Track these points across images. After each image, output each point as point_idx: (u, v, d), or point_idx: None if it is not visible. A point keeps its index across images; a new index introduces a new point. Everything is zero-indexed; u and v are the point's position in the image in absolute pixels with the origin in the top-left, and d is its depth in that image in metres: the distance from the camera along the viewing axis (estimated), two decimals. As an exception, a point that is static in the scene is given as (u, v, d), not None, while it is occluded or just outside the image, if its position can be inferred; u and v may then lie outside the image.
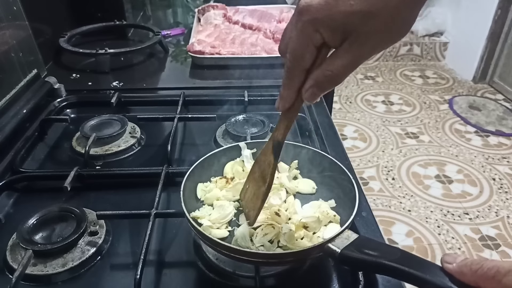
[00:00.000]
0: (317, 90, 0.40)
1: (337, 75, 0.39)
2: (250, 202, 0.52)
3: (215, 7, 1.41)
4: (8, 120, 0.79)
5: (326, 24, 0.37)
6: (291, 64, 0.41)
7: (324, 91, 0.41)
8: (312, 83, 0.40)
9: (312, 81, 0.40)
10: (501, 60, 3.06)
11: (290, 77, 0.42)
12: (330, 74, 0.39)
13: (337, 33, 0.37)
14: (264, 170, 0.50)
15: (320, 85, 0.40)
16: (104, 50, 1.06)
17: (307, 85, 0.41)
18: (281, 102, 0.44)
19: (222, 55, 1.09)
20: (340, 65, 0.38)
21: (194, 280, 0.54)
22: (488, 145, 2.48)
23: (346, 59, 0.38)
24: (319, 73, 0.39)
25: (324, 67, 0.39)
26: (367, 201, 0.64)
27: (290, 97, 0.43)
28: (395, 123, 2.71)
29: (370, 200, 1.77)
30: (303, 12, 0.37)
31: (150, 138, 0.84)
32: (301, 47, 0.39)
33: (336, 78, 0.39)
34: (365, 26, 0.36)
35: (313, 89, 0.40)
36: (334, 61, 0.38)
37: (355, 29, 0.36)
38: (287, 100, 0.44)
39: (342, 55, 0.38)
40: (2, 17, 0.81)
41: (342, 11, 0.35)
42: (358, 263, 0.44)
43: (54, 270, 0.53)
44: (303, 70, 0.40)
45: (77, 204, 0.61)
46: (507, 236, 1.84)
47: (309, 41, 0.38)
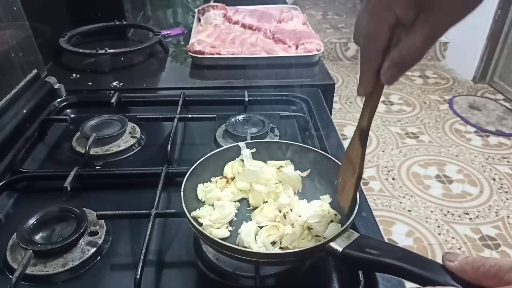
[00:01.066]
0: (395, 70, 0.38)
1: (414, 53, 0.37)
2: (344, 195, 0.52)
3: (215, 7, 1.41)
4: (8, 120, 0.79)
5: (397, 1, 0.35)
6: (366, 47, 0.39)
7: (403, 71, 0.39)
8: (390, 63, 0.38)
9: (390, 62, 0.38)
10: (501, 60, 3.06)
11: (366, 60, 0.40)
12: (407, 52, 0.37)
13: (410, 7, 0.35)
14: (353, 159, 0.49)
15: (398, 65, 0.38)
16: (104, 50, 1.07)
17: (385, 67, 0.39)
18: (362, 87, 0.42)
19: (222, 55, 1.09)
20: (417, 41, 0.36)
21: (194, 280, 0.54)
22: (488, 145, 2.48)
23: (423, 34, 0.36)
24: (396, 53, 0.38)
25: (400, 46, 0.37)
26: (367, 201, 0.64)
27: (370, 81, 0.41)
28: (395, 123, 2.71)
29: (370, 200, 1.78)
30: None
31: (150, 138, 0.84)
32: (374, 28, 0.38)
33: (414, 55, 0.37)
34: None
35: (392, 70, 0.38)
36: (410, 38, 0.36)
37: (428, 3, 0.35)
38: (367, 85, 0.41)
39: (417, 32, 0.36)
40: (2, 17, 0.81)
41: None
42: (359, 262, 0.44)
43: (54, 270, 0.53)
44: (379, 51, 0.39)
45: (77, 204, 0.61)
46: (507, 236, 1.84)
47: (382, 20, 0.37)
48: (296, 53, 1.12)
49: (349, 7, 4.49)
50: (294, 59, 1.10)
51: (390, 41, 0.38)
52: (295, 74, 1.06)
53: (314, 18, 4.09)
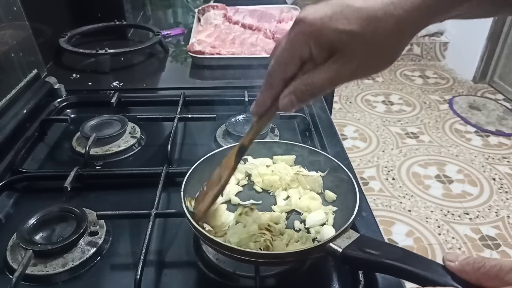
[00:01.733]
0: (294, 98, 0.41)
1: (316, 87, 0.40)
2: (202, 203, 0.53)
3: (215, 7, 1.41)
4: (8, 120, 0.79)
5: (316, 38, 0.38)
6: (273, 71, 0.41)
7: (300, 101, 0.41)
8: (291, 90, 0.41)
9: (292, 88, 0.41)
10: (501, 60, 3.06)
11: (269, 83, 0.42)
12: (310, 84, 0.40)
13: (324, 49, 0.38)
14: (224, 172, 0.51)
15: (298, 94, 0.40)
16: (104, 50, 1.06)
17: (285, 92, 0.41)
18: (256, 107, 0.45)
19: (222, 55, 1.09)
20: (320, 78, 0.39)
21: (194, 280, 0.54)
22: (488, 145, 2.48)
23: (327, 74, 0.39)
24: (299, 82, 0.40)
25: (305, 77, 0.40)
26: (367, 201, 0.64)
27: (265, 104, 0.44)
28: (395, 123, 2.71)
29: (370, 200, 1.78)
30: (298, 23, 0.39)
31: (150, 138, 0.84)
32: (287, 56, 0.40)
33: (315, 90, 0.40)
34: (352, 46, 0.37)
35: (291, 97, 0.41)
36: (315, 73, 0.39)
37: (342, 48, 0.37)
38: (261, 106, 0.44)
39: (324, 69, 0.39)
40: (2, 17, 0.81)
41: (334, 28, 0.37)
42: (359, 262, 0.44)
43: (54, 270, 0.53)
44: (284, 79, 0.41)
45: (77, 204, 0.61)
46: (507, 236, 1.84)
47: (296, 52, 0.39)
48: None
49: (349, 7, 4.48)
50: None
51: (297, 73, 0.40)
52: (295, 74, 1.06)
53: (314, 18, 4.09)
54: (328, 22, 0.37)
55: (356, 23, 0.36)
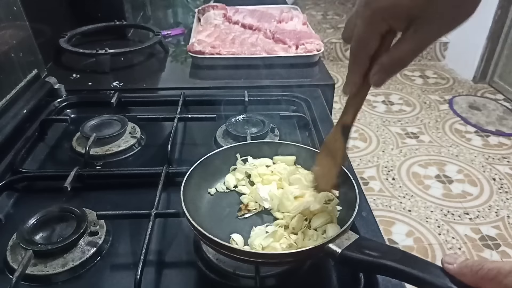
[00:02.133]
0: (384, 74, 0.41)
1: (403, 59, 0.40)
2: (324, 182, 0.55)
3: (215, 7, 1.41)
4: (8, 120, 0.79)
5: (392, 12, 0.38)
6: (356, 51, 0.42)
7: (391, 75, 0.41)
8: (379, 67, 0.41)
9: (379, 66, 0.41)
10: (501, 60, 3.06)
11: (355, 63, 0.43)
12: (396, 59, 0.40)
13: (402, 19, 0.38)
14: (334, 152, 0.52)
15: (387, 70, 0.41)
16: (104, 50, 1.07)
17: (374, 70, 0.41)
18: (348, 86, 0.45)
19: (222, 55, 1.09)
20: (406, 49, 0.39)
21: (194, 280, 0.54)
22: (488, 145, 2.48)
23: (412, 43, 0.39)
24: (385, 58, 0.40)
25: (391, 52, 0.40)
26: (367, 201, 0.64)
27: (356, 82, 0.44)
28: (395, 123, 2.71)
29: (370, 200, 1.78)
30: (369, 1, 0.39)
31: (150, 138, 0.84)
32: (367, 35, 0.40)
33: (403, 62, 0.40)
34: (430, 10, 0.36)
35: (380, 74, 0.41)
36: (400, 46, 0.39)
37: (420, 14, 0.37)
38: (353, 85, 0.44)
39: (408, 40, 0.39)
40: (2, 17, 0.81)
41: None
42: (358, 264, 0.44)
43: (54, 270, 0.53)
44: (368, 56, 0.41)
45: (77, 204, 0.61)
46: (507, 236, 1.84)
47: (375, 28, 0.39)
48: (296, 53, 1.12)
49: (349, 7, 4.49)
50: (294, 59, 1.10)
51: (380, 48, 0.41)
52: (295, 74, 1.06)
53: (314, 18, 4.09)
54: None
55: None
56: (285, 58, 1.09)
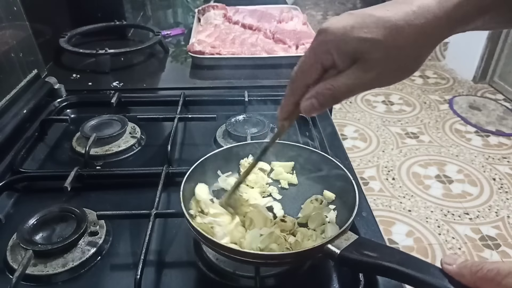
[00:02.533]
0: (315, 101, 0.42)
1: (337, 91, 0.41)
2: None
3: (215, 7, 1.41)
4: (8, 120, 0.79)
5: (338, 47, 0.39)
6: (296, 77, 0.43)
7: (321, 106, 0.42)
8: (313, 93, 0.42)
9: (314, 92, 0.42)
10: (501, 60, 3.06)
11: (292, 88, 0.45)
12: (331, 88, 0.41)
13: (346, 56, 0.39)
14: None
15: (319, 97, 0.42)
16: (104, 50, 1.07)
17: (307, 95, 0.43)
18: (280, 111, 0.47)
19: (222, 55, 1.09)
20: (342, 82, 0.40)
21: (194, 280, 0.54)
22: (488, 145, 2.48)
23: (349, 79, 0.40)
24: (321, 86, 0.42)
25: (327, 82, 0.41)
26: (367, 201, 0.64)
27: (288, 108, 0.46)
28: (395, 123, 2.71)
29: (370, 200, 1.78)
30: (321, 33, 0.40)
31: (150, 138, 0.84)
32: (310, 63, 0.42)
33: (337, 94, 0.41)
34: (374, 54, 0.38)
35: (312, 100, 0.42)
36: (338, 78, 0.41)
37: (364, 56, 0.39)
38: (284, 110, 0.47)
39: (346, 76, 0.40)
40: (2, 17, 0.81)
41: (356, 37, 0.38)
42: (357, 264, 0.44)
43: (54, 270, 0.53)
44: (306, 85, 0.43)
45: (77, 204, 0.61)
46: (507, 236, 1.84)
47: (319, 59, 0.41)
48: (296, 53, 1.12)
49: (349, 8, 4.49)
50: (294, 59, 1.10)
51: (319, 79, 0.42)
52: (295, 74, 1.06)
53: (314, 18, 4.09)
54: (350, 31, 0.38)
55: (378, 32, 0.38)
56: (285, 58, 1.09)
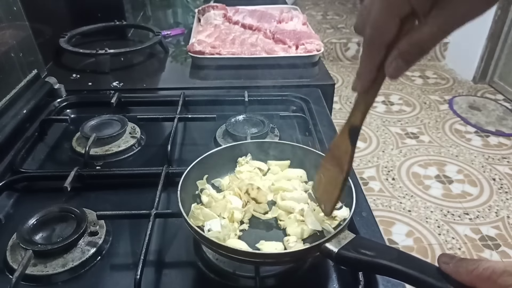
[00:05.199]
0: (402, 62, 0.36)
1: (424, 44, 0.35)
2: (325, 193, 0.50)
3: (215, 7, 1.41)
4: (8, 120, 0.79)
5: None
6: (372, 38, 0.37)
7: (410, 63, 0.36)
8: (397, 53, 0.36)
9: (397, 52, 0.36)
10: (501, 60, 3.06)
11: (370, 52, 0.38)
12: (417, 42, 0.35)
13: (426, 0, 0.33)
14: (341, 158, 0.46)
15: (406, 56, 0.36)
16: (104, 50, 1.07)
17: (391, 57, 0.36)
18: (359, 82, 0.40)
19: (222, 55, 1.09)
20: (428, 32, 0.34)
21: (194, 280, 0.54)
22: (488, 145, 2.48)
23: (435, 26, 0.34)
24: (404, 43, 0.35)
25: (410, 36, 0.35)
26: (367, 201, 0.64)
27: (370, 76, 0.38)
28: (395, 123, 2.71)
29: (370, 200, 1.77)
30: None
31: (150, 138, 0.84)
32: (386, 18, 0.35)
33: (424, 47, 0.35)
34: None
35: (398, 61, 0.36)
36: (421, 29, 0.35)
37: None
38: (366, 79, 0.39)
39: (430, 22, 0.34)
40: (2, 17, 0.81)
41: None
42: (355, 263, 0.44)
43: (54, 271, 0.53)
44: (385, 44, 0.36)
45: (77, 204, 0.62)
46: (507, 236, 1.84)
47: (395, 11, 0.35)
48: (296, 53, 1.12)
49: (349, 7, 4.49)
50: (294, 59, 1.10)
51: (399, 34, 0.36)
52: (295, 74, 1.06)
53: (314, 19, 4.09)
54: None
55: None
56: (285, 58, 1.09)
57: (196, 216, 0.54)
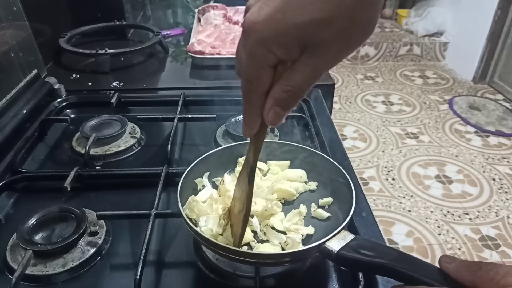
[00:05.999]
0: (279, 109, 0.36)
1: (298, 89, 0.35)
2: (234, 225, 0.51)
3: (215, 7, 1.41)
4: (8, 120, 0.79)
5: (277, 42, 0.32)
6: (247, 89, 0.36)
7: (287, 109, 0.36)
8: (273, 102, 0.36)
9: (272, 100, 0.36)
10: (501, 60, 3.06)
11: (249, 102, 0.37)
12: (290, 89, 0.35)
13: (292, 48, 0.33)
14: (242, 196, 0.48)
15: (282, 103, 0.36)
16: (104, 50, 1.07)
17: (267, 106, 0.36)
18: (246, 129, 0.40)
19: (222, 55, 1.09)
20: (300, 78, 0.34)
21: (194, 280, 0.54)
22: (488, 145, 2.48)
23: (306, 71, 0.34)
24: (277, 90, 0.35)
25: (282, 83, 0.35)
26: (367, 201, 0.64)
27: (254, 122, 0.38)
28: (395, 123, 2.71)
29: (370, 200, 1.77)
30: (249, 32, 0.33)
31: (150, 138, 0.84)
32: (255, 70, 0.35)
33: (298, 92, 0.35)
34: (322, 35, 0.32)
35: (276, 109, 0.36)
36: (292, 75, 0.34)
37: (312, 40, 0.32)
38: (252, 126, 0.39)
39: (301, 68, 0.34)
40: (2, 17, 0.81)
41: (293, 24, 0.31)
42: (354, 264, 0.44)
43: (54, 271, 0.53)
44: (262, 92, 0.36)
45: (77, 204, 0.62)
46: (507, 236, 1.84)
47: (262, 62, 0.34)
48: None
49: (349, 7, 4.49)
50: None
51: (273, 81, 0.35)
52: (295, 74, 1.06)
53: (314, 18, 4.09)
54: (283, 19, 0.31)
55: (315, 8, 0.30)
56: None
57: (191, 208, 0.54)
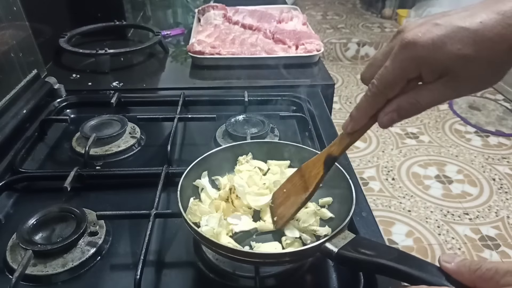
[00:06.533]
0: (396, 116, 0.40)
1: (421, 106, 0.39)
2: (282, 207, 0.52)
3: (215, 7, 1.41)
4: (8, 120, 0.79)
5: (428, 63, 0.37)
6: (378, 91, 0.40)
7: (402, 118, 0.40)
8: (395, 107, 0.40)
9: (395, 106, 0.40)
10: (501, 60, 3.06)
11: (372, 101, 0.41)
12: (414, 103, 0.39)
13: (436, 72, 0.37)
14: (309, 179, 0.50)
15: (402, 111, 0.40)
16: (104, 50, 1.07)
17: (388, 109, 0.40)
18: (351, 123, 0.44)
19: (222, 55, 1.09)
20: (427, 96, 0.38)
21: (194, 280, 0.54)
22: (488, 145, 2.49)
23: (436, 94, 0.38)
24: (403, 100, 0.39)
25: (410, 96, 0.39)
26: (367, 201, 0.64)
27: (362, 121, 0.43)
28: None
29: (370, 201, 1.78)
30: (409, 46, 0.37)
31: (150, 139, 0.84)
32: (395, 78, 0.39)
33: (420, 108, 0.39)
34: (467, 70, 0.36)
35: (393, 114, 0.40)
36: (422, 92, 0.38)
37: (455, 71, 0.36)
38: (357, 123, 0.43)
39: (433, 90, 0.38)
40: (2, 17, 0.81)
41: (448, 53, 0.35)
42: (354, 263, 0.44)
43: (54, 271, 0.53)
44: (388, 98, 0.40)
45: (77, 204, 0.61)
46: (507, 236, 1.84)
47: (405, 74, 0.38)
48: (296, 53, 1.12)
49: (349, 7, 4.50)
50: (294, 59, 1.10)
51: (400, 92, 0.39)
52: (295, 74, 1.06)
53: (314, 19, 4.09)
54: (441, 46, 0.35)
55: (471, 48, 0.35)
56: (285, 58, 1.09)
57: (193, 212, 0.54)
